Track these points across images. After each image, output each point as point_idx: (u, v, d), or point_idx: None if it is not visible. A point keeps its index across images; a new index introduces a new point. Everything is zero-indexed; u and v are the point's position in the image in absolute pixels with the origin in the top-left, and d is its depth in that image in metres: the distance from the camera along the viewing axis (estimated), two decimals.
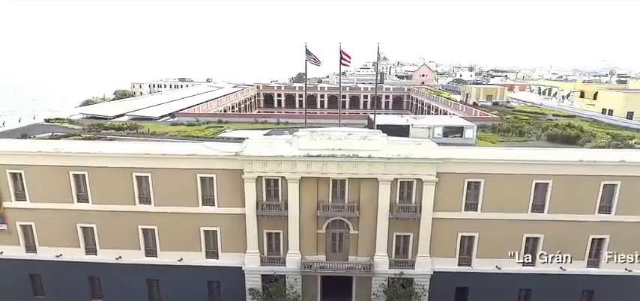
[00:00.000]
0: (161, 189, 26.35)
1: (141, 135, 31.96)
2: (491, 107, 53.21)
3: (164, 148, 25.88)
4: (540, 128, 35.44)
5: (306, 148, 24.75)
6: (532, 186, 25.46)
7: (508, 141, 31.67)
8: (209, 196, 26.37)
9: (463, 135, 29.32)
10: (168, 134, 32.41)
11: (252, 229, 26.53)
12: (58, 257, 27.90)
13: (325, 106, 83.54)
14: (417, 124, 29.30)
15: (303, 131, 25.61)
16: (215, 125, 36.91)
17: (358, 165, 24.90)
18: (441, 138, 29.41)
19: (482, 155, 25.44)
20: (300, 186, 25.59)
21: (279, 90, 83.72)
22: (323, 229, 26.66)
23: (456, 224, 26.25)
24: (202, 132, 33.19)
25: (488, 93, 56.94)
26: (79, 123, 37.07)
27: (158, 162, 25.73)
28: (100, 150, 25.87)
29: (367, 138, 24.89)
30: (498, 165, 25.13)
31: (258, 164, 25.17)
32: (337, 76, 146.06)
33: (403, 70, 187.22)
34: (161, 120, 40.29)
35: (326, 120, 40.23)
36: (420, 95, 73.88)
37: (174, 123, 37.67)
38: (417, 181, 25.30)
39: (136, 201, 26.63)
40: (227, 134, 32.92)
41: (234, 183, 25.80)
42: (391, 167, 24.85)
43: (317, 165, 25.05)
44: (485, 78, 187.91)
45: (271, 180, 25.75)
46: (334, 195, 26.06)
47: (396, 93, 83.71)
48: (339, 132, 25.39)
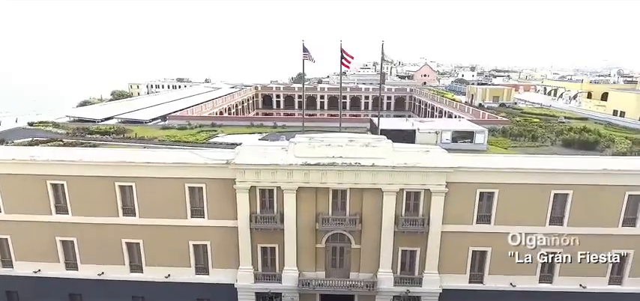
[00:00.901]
0: (146, 200, 24.29)
1: (127, 140, 29.87)
2: (498, 109, 51.07)
3: (149, 156, 23.83)
4: (554, 132, 33.30)
5: (303, 156, 22.65)
6: (550, 198, 23.35)
7: (521, 146, 29.56)
8: (198, 207, 24.32)
9: (473, 140, 27.21)
10: (156, 139, 30.33)
11: (245, 243, 24.46)
12: (36, 273, 25.85)
13: (325, 107, 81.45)
14: (423, 129, 27.17)
15: (300, 137, 23.50)
16: (208, 129, 34.83)
17: (360, 174, 22.81)
18: (450, 144, 27.31)
19: (496, 163, 23.30)
20: (298, 197, 23.52)
21: (278, 91, 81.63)
22: (322, 243, 24.57)
23: (466, 238, 24.13)
24: (193, 136, 31.11)
25: (494, 94, 54.76)
26: (64, 126, 35.01)
27: (142, 170, 23.67)
28: (79, 158, 23.80)
29: (370, 144, 22.76)
30: (514, 175, 23.01)
31: (252, 173, 23.08)
32: (338, 76, 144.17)
33: (404, 70, 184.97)
34: (152, 124, 38.24)
35: (326, 124, 38.13)
36: (423, 96, 71.76)
37: (165, 126, 35.65)
38: (425, 192, 23.21)
39: (119, 213, 24.61)
40: (220, 139, 30.84)
41: (225, 194, 23.75)
42: (397, 176, 22.74)
43: (315, 175, 22.96)
44: (487, 78, 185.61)
45: (266, 190, 23.69)
46: (334, 207, 23.97)
47: (398, 94, 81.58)
48: (339, 138, 23.28)
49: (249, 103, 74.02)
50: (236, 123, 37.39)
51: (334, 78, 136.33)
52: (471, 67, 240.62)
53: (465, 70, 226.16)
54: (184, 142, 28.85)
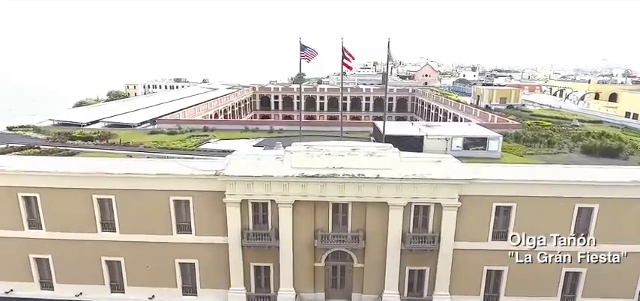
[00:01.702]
0: (128, 215, 22.06)
1: (111, 147, 27.59)
2: (506, 111, 48.79)
3: (129, 166, 21.54)
4: (569, 137, 30.99)
5: (300, 167, 20.38)
6: (574, 212, 21.11)
7: (537, 153, 27.24)
8: (185, 223, 22.09)
9: (487, 147, 24.95)
10: (142, 145, 28.04)
11: (236, 262, 22.21)
12: (8, 294, 23.54)
13: (325, 108, 79.16)
14: (432, 134, 24.91)
15: (297, 145, 21.23)
16: (199, 134, 32.55)
17: (364, 186, 20.55)
18: (461, 151, 25.06)
19: (514, 174, 21.00)
20: (294, 212, 21.27)
21: (276, 91, 79.31)
22: (322, 262, 22.32)
23: (481, 256, 21.89)
24: (182, 142, 28.83)
25: (501, 95, 52.44)
26: (46, 131, 32.70)
27: (122, 182, 21.42)
28: (54, 169, 21.51)
29: (375, 154, 20.49)
30: (534, 187, 20.76)
31: (243, 185, 20.82)
32: (338, 77, 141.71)
33: (405, 70, 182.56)
34: (140, 128, 35.96)
35: (326, 128, 35.90)
36: (426, 97, 69.45)
37: (154, 131, 33.36)
38: (435, 206, 20.97)
39: (98, 228, 22.38)
40: (211, 145, 28.58)
41: (214, 208, 21.51)
42: (404, 189, 20.49)
43: (314, 187, 20.70)
44: (488, 79, 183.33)
45: (259, 204, 21.47)
46: (335, 222, 21.74)
47: (400, 95, 79.27)
48: (340, 146, 21.01)
49: (246, 104, 71.73)
50: (230, 128, 35.14)
51: (334, 79, 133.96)
52: (472, 67, 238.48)
53: (466, 70, 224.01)
54: (172, 149, 26.59)
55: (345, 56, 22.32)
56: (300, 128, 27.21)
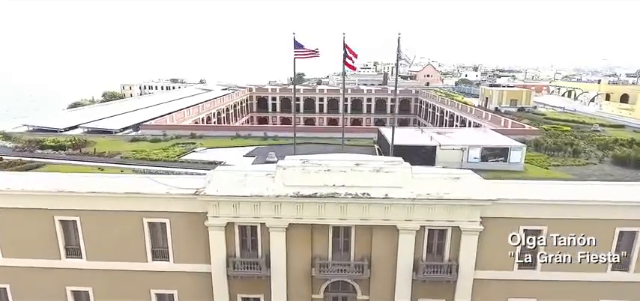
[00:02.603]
0: (95, 239, 19.07)
1: (84, 157, 24.54)
2: (518, 114, 45.74)
3: (95, 183, 18.49)
4: (595, 144, 27.94)
5: (295, 184, 17.37)
6: (614, 236, 18.11)
7: (563, 164, 24.19)
8: (161, 248, 19.12)
9: (508, 158, 21.93)
10: (119, 155, 24.98)
11: (221, 293, 19.23)
12: None
13: (325, 110, 76.13)
14: (446, 144, 21.88)
15: (290, 159, 18.21)
16: (186, 141, 29.53)
17: (370, 208, 17.54)
18: (478, 163, 22.08)
19: (544, 193, 17.99)
20: (288, 236, 18.28)
21: (274, 92, 76.22)
22: (320, 294, 19.33)
23: (505, 287, 18.94)
24: (165, 152, 25.78)
25: (512, 97, 49.39)
26: (16, 138, 29.66)
27: (88, 201, 18.42)
28: (6, 187, 18.45)
29: (383, 170, 17.45)
30: (568, 208, 17.76)
31: (228, 206, 17.81)
32: (338, 77, 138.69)
33: (407, 70, 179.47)
34: (121, 134, 32.92)
35: (325, 134, 32.85)
36: (430, 98, 66.37)
37: (136, 138, 30.34)
38: (453, 230, 17.97)
39: (61, 254, 19.37)
40: (197, 155, 25.55)
41: (195, 231, 18.54)
42: (417, 211, 17.48)
43: (311, 209, 17.69)
44: (491, 79, 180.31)
45: (247, 227, 18.46)
46: (335, 248, 18.75)
47: (402, 96, 76.20)
48: (342, 161, 17.96)
49: (242, 107, 68.67)
50: (219, 134, 32.14)
51: (334, 79, 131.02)
52: (473, 67, 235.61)
53: (468, 70, 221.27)
54: (151, 161, 23.55)
55: (347, 54, 19.31)
56: (294, 136, 24.00)
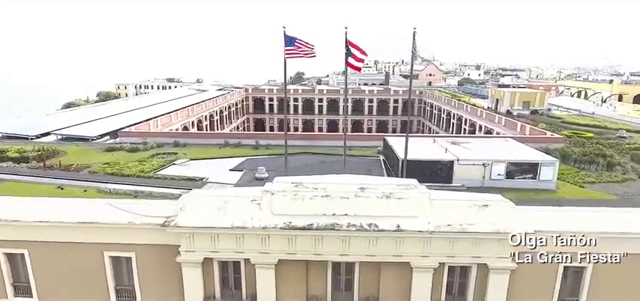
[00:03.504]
0: (47, 275, 15.98)
1: (45, 172, 21.33)
2: (532, 117, 42.46)
3: (44, 210, 15.28)
4: (629, 154, 24.71)
5: (286, 213, 14.19)
6: None
7: (599, 180, 20.93)
8: (127, 286, 16.01)
9: (538, 175, 18.72)
10: (87, 169, 21.77)
11: None
12: None
13: (324, 112, 72.86)
14: (465, 159, 18.67)
15: (281, 182, 15.01)
16: (167, 150, 26.31)
17: (378, 241, 14.36)
18: (503, 181, 18.88)
19: (594, 222, 14.75)
20: (278, 274, 15.12)
21: (271, 93, 72.89)
22: None
23: None
24: (141, 164, 22.55)
25: (524, 98, 46.09)
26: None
27: (38, 232, 15.28)
28: None
29: (394, 195, 14.25)
30: (617, 241, 14.54)
31: (204, 239, 14.62)
32: (338, 76, 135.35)
33: (408, 69, 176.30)
34: (98, 142, 29.71)
35: (323, 142, 29.57)
36: (435, 99, 63.04)
37: (111, 147, 27.14)
38: (479, 267, 14.79)
39: (7, 292, 16.27)
40: (177, 167, 22.34)
41: (167, 267, 15.41)
42: (436, 245, 14.30)
43: (306, 242, 14.51)
44: (493, 78, 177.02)
45: (229, 263, 15.30)
46: (336, 287, 15.62)
47: (405, 97, 72.80)
48: (343, 184, 14.76)
49: (238, 108, 65.40)
50: (207, 142, 28.95)
51: (334, 79, 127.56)
52: (476, 66, 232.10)
53: (470, 69, 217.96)
54: (123, 176, 20.33)
55: (351, 52, 15.99)
56: (286, 147, 20.58)
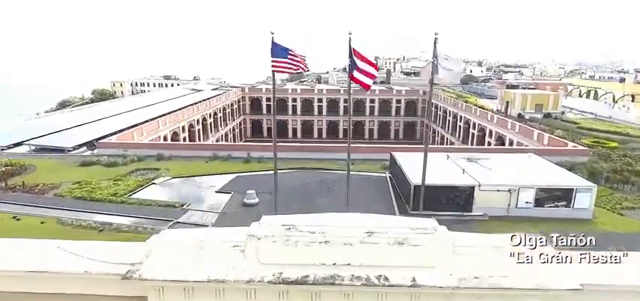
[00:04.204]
0: None
1: (5, 195, 18.57)
2: (545, 121, 39.69)
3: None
4: None
5: (275, 262, 11.52)
6: None
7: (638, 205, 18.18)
8: None
9: (572, 203, 16.03)
10: (55, 190, 19.03)
11: None
12: None
13: (324, 112, 70.12)
14: (487, 184, 15.93)
15: (268, 223, 12.29)
16: (149, 163, 23.57)
17: (388, 298, 11.68)
18: (531, 209, 16.20)
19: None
20: None
21: (269, 93, 70.08)
22: None
23: None
24: (114, 186, 19.85)
25: (537, 101, 43.32)
26: None
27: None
28: None
29: (408, 242, 11.54)
30: None
31: (177, 293, 11.95)
32: (338, 73, 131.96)
33: (410, 66, 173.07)
34: (74, 153, 26.97)
35: (321, 155, 26.72)
36: (440, 100, 60.21)
37: (88, 160, 24.41)
38: None
39: None
40: (157, 189, 19.60)
41: None
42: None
43: (301, 298, 11.81)
44: (496, 74, 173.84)
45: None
46: None
47: (408, 97, 70.09)
48: (346, 227, 12.05)
49: (234, 109, 62.64)
50: (193, 154, 26.24)
51: (334, 76, 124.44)
52: (478, 62, 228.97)
53: (472, 65, 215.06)
54: (93, 201, 17.61)
55: (356, 64, 13.03)
56: (276, 165, 17.86)
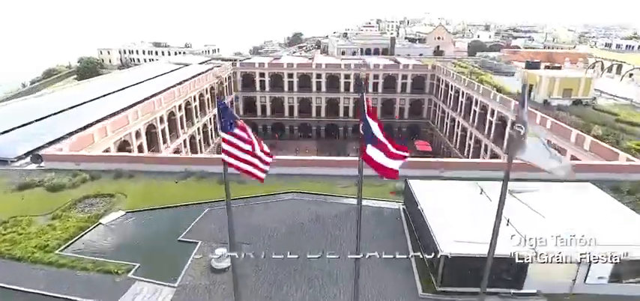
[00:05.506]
0: None
1: None
2: (575, 110, 34.41)
3: None
4: None
5: None
6: None
7: None
8: None
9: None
10: None
11: None
12: None
13: (323, 88, 64.29)
14: (546, 252, 11.21)
15: None
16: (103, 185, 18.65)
17: None
18: (606, 286, 11.61)
19: None
20: None
21: (262, 68, 63.88)
22: None
23: None
24: (48, 230, 15.00)
25: (565, 85, 37.57)
26: None
27: None
28: None
29: None
30: None
31: None
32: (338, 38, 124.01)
33: (414, 31, 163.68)
34: (15, 168, 22.06)
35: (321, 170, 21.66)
36: (451, 78, 54.28)
37: (29, 181, 19.45)
38: None
39: None
40: (101, 235, 14.77)
41: None
42: None
43: None
44: (505, 39, 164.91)
45: None
46: None
47: (416, 72, 63.91)
48: None
49: (224, 87, 56.89)
50: (161, 170, 21.26)
51: (334, 42, 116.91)
52: (485, 26, 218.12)
53: (479, 30, 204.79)
54: (11, 258, 12.93)
55: (372, 130, 7.93)
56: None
